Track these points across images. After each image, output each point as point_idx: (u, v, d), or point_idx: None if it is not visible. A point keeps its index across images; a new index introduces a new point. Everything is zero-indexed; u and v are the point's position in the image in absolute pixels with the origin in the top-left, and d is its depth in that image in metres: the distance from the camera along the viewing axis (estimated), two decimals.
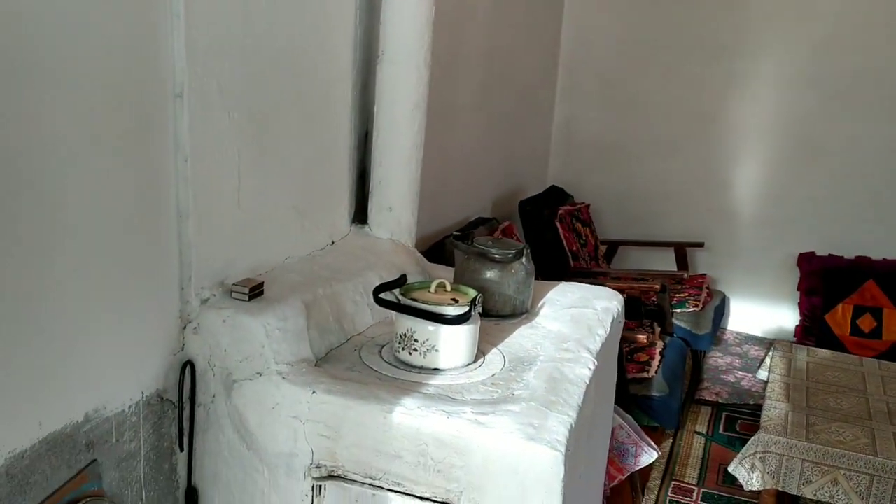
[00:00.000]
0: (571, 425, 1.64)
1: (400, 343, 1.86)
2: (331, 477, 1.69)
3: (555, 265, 4.10)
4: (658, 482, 3.28)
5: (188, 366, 1.75)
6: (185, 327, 1.75)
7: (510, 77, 4.34)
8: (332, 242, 2.36)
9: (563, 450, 1.55)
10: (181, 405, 1.75)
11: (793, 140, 4.83)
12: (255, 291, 1.80)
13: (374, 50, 2.37)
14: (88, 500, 1.48)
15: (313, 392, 1.67)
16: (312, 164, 2.20)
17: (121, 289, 1.57)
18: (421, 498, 1.64)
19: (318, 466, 1.69)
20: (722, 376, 4.45)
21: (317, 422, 1.66)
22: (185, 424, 1.78)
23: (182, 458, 1.80)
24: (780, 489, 2.72)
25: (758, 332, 5.09)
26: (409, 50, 2.36)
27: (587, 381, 1.88)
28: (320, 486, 1.70)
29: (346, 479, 1.68)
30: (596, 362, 2.01)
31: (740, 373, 4.51)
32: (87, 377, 1.50)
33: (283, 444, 1.70)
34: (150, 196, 1.62)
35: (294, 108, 2.06)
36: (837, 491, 2.64)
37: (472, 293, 1.89)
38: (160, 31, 1.58)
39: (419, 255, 2.53)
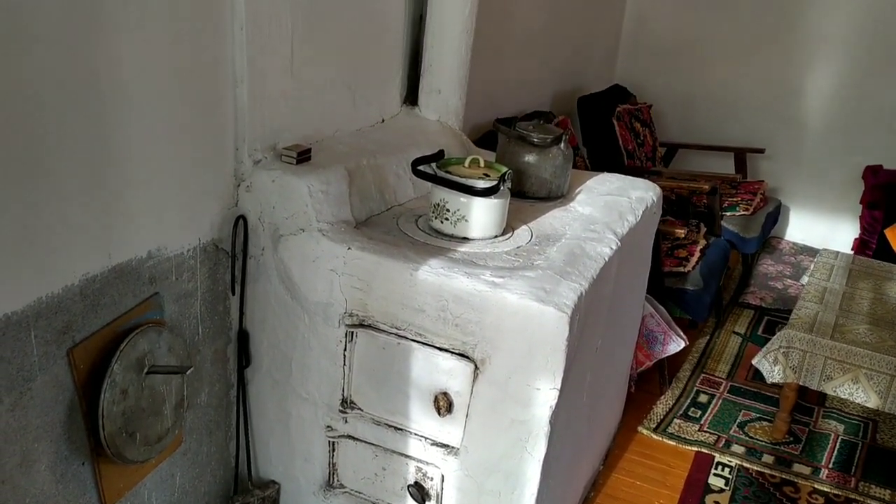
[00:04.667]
0: (582, 293, 1.78)
1: (433, 212, 2.01)
2: (362, 325, 1.89)
3: (609, 163, 4.14)
4: (688, 373, 3.41)
5: (241, 220, 1.94)
6: (238, 185, 1.94)
7: None
8: (382, 120, 2.50)
9: (569, 312, 1.69)
10: (234, 254, 1.96)
11: (868, 48, 4.65)
12: (303, 156, 1.96)
13: None
14: (151, 325, 1.71)
15: (349, 248, 1.84)
16: (366, 41, 2.31)
17: (182, 146, 1.75)
18: (440, 348, 1.82)
19: (351, 315, 1.88)
20: (770, 282, 4.49)
21: (351, 275, 1.85)
22: (238, 274, 1.99)
23: (234, 302, 2.02)
24: (801, 384, 2.81)
25: (815, 244, 5.05)
26: None
27: (606, 259, 2.00)
28: (352, 333, 1.90)
29: (375, 328, 1.87)
30: (619, 244, 2.12)
31: (789, 280, 4.54)
32: (151, 220, 1.70)
33: (322, 294, 1.90)
34: (208, 62, 1.77)
35: None
36: (857, 389, 2.72)
37: (503, 169, 2.01)
38: None
39: (465, 137, 2.64)
